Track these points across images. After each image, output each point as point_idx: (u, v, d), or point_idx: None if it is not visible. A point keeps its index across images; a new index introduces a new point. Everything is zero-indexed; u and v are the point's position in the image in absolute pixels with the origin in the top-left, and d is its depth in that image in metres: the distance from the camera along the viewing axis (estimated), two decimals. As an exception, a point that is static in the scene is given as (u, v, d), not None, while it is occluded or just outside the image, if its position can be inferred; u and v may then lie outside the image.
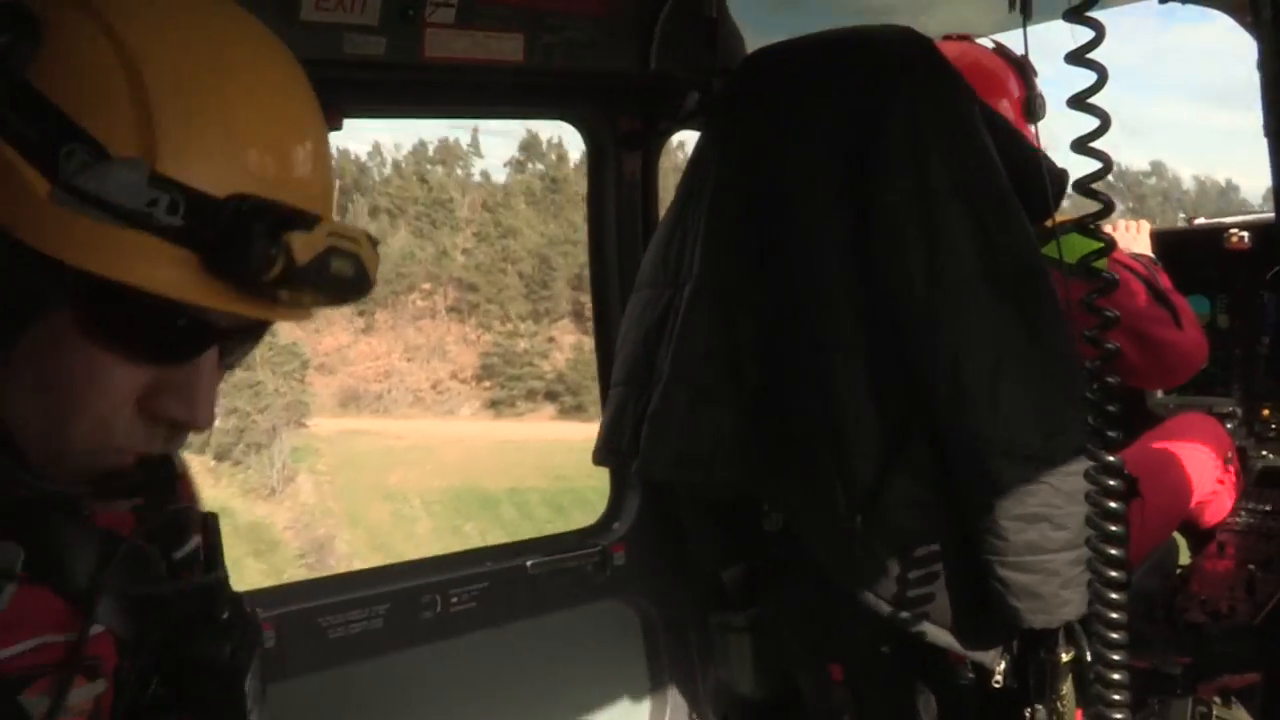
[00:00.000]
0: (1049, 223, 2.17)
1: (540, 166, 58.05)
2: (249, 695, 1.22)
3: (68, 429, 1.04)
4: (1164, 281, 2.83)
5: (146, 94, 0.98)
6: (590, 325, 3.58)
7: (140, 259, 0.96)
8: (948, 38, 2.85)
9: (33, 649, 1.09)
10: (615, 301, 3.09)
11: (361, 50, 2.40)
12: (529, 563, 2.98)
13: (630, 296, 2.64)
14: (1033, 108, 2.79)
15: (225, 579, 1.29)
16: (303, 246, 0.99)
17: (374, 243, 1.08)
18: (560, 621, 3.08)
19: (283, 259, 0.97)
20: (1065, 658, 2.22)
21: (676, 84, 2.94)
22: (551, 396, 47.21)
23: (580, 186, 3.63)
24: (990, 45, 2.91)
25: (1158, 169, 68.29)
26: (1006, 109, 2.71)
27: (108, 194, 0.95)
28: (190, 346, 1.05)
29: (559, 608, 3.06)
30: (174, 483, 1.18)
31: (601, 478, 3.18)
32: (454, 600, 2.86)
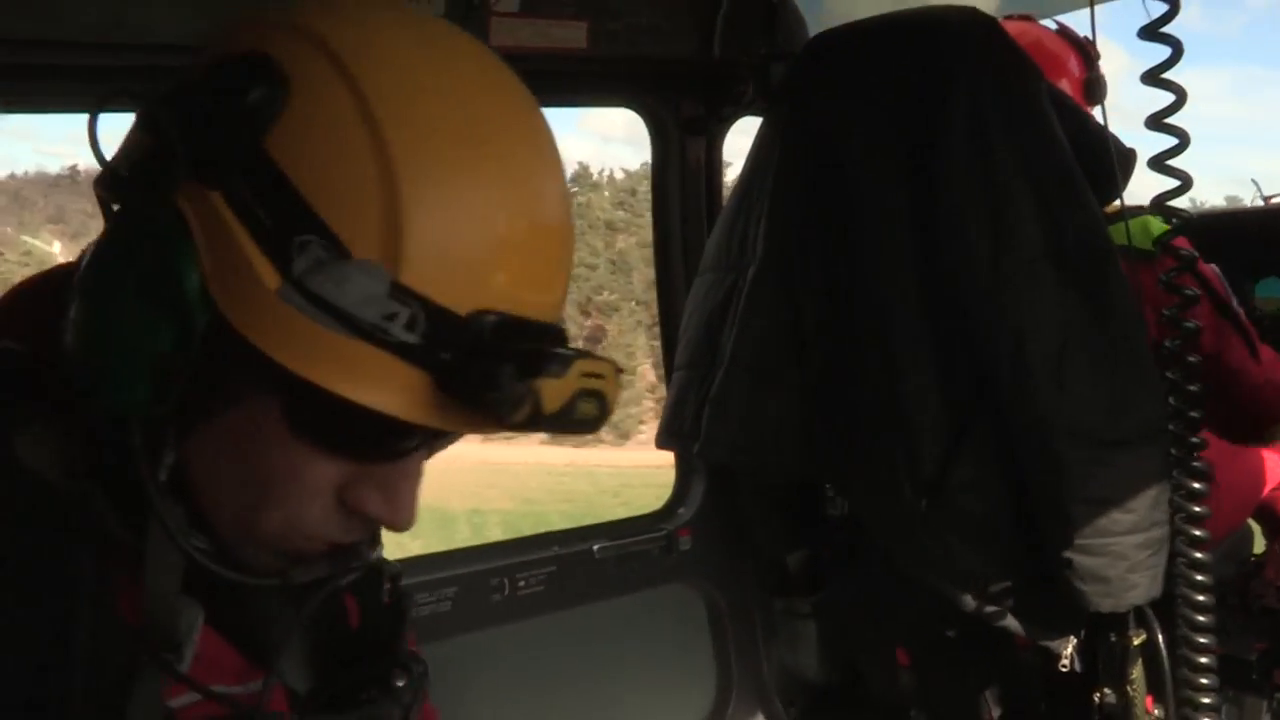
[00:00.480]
0: (1117, 203, 2.14)
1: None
2: None
3: (260, 515, 0.95)
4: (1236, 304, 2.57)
5: (396, 180, 0.85)
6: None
7: (367, 376, 0.85)
8: (1009, 18, 2.81)
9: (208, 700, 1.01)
10: (679, 286, 3.10)
11: None
12: (596, 547, 3.01)
13: (694, 281, 2.65)
14: (1094, 89, 2.74)
15: (404, 637, 1.22)
16: (553, 395, 0.86)
17: (618, 372, 0.93)
18: (626, 605, 3.10)
19: (530, 405, 0.85)
20: (1136, 641, 2.19)
21: (739, 69, 2.94)
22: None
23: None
24: (1053, 26, 2.87)
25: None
26: (1066, 89, 2.67)
27: (344, 302, 0.84)
28: (400, 449, 0.95)
29: (625, 591, 3.09)
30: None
31: (571, 500, 3.21)
32: (521, 584, 2.90)
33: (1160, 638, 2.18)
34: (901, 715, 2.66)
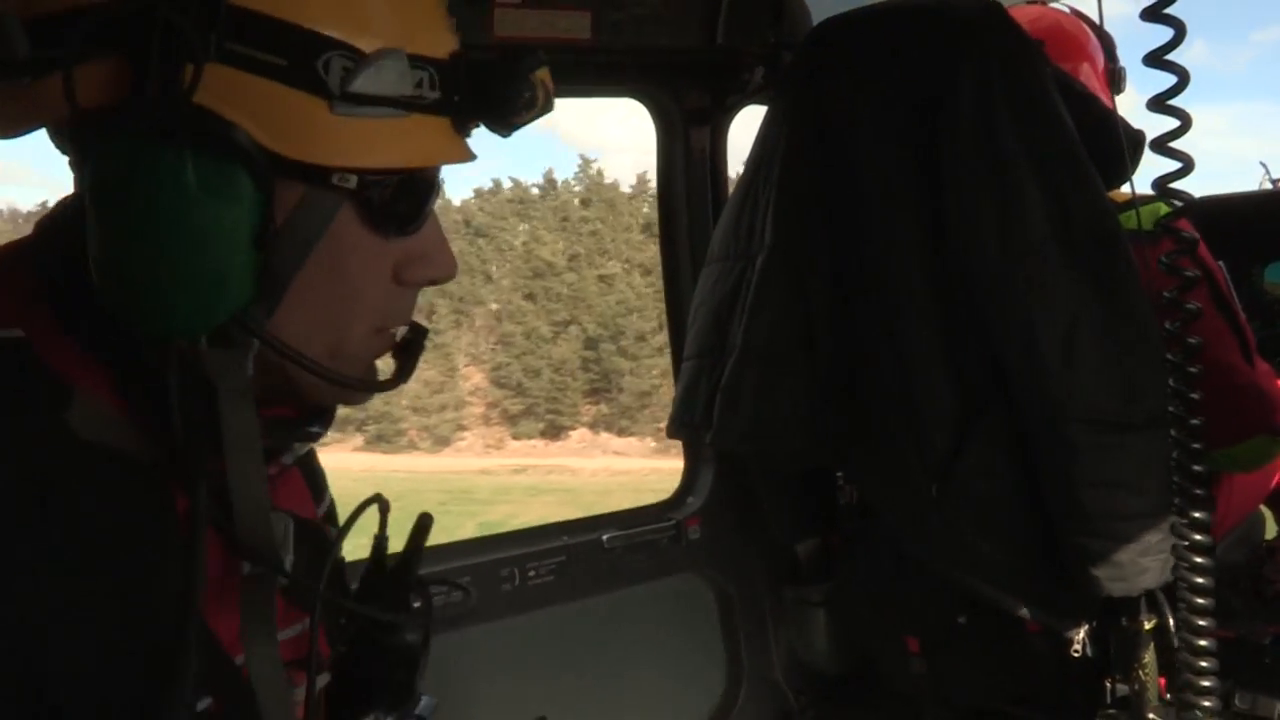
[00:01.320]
0: (1127, 186, 2.14)
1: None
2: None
3: (352, 324, 1.06)
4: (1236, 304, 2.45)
5: None
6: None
7: (413, 143, 1.00)
8: (1029, 1, 2.79)
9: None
10: (686, 276, 3.10)
11: None
12: (605, 537, 3.01)
13: (701, 271, 2.65)
14: (1116, 79, 2.71)
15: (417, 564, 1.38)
16: (544, 77, 1.10)
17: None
18: (636, 595, 3.11)
19: (541, 93, 1.09)
20: (1147, 626, 2.19)
21: (743, 58, 2.93)
22: (359, 424, 42.02)
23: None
24: (1065, 9, 2.85)
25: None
26: (1088, 74, 2.65)
27: (386, 90, 0.96)
28: (428, 206, 1.08)
29: (634, 581, 3.09)
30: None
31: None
32: (531, 574, 2.90)
33: (1172, 622, 2.17)
34: (912, 703, 2.66)
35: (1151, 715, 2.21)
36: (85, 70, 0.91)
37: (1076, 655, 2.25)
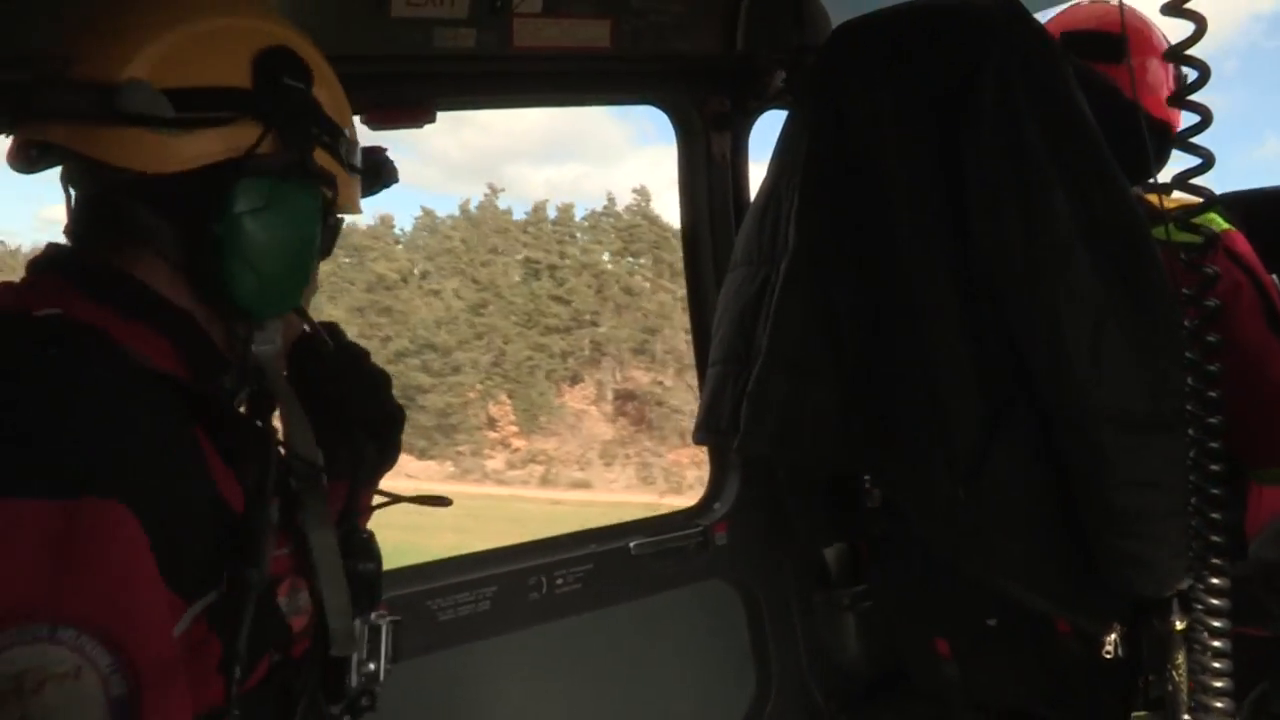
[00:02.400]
0: (1151, 180, 2.12)
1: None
2: None
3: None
4: None
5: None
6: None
7: (355, 192, 1.57)
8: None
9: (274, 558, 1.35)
10: (710, 282, 3.11)
11: (451, 44, 2.46)
12: (632, 544, 3.02)
13: (725, 277, 2.66)
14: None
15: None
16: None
17: None
18: (664, 602, 3.11)
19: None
20: (1179, 626, 2.17)
21: (763, 63, 2.94)
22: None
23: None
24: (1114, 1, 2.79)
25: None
26: (1155, 69, 2.60)
27: (357, 161, 1.56)
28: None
29: (662, 588, 3.09)
30: None
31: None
32: (559, 582, 2.91)
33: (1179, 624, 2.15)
34: (943, 706, 2.64)
35: (1186, 717, 2.18)
36: (229, 129, 1.37)
37: (1109, 656, 2.23)
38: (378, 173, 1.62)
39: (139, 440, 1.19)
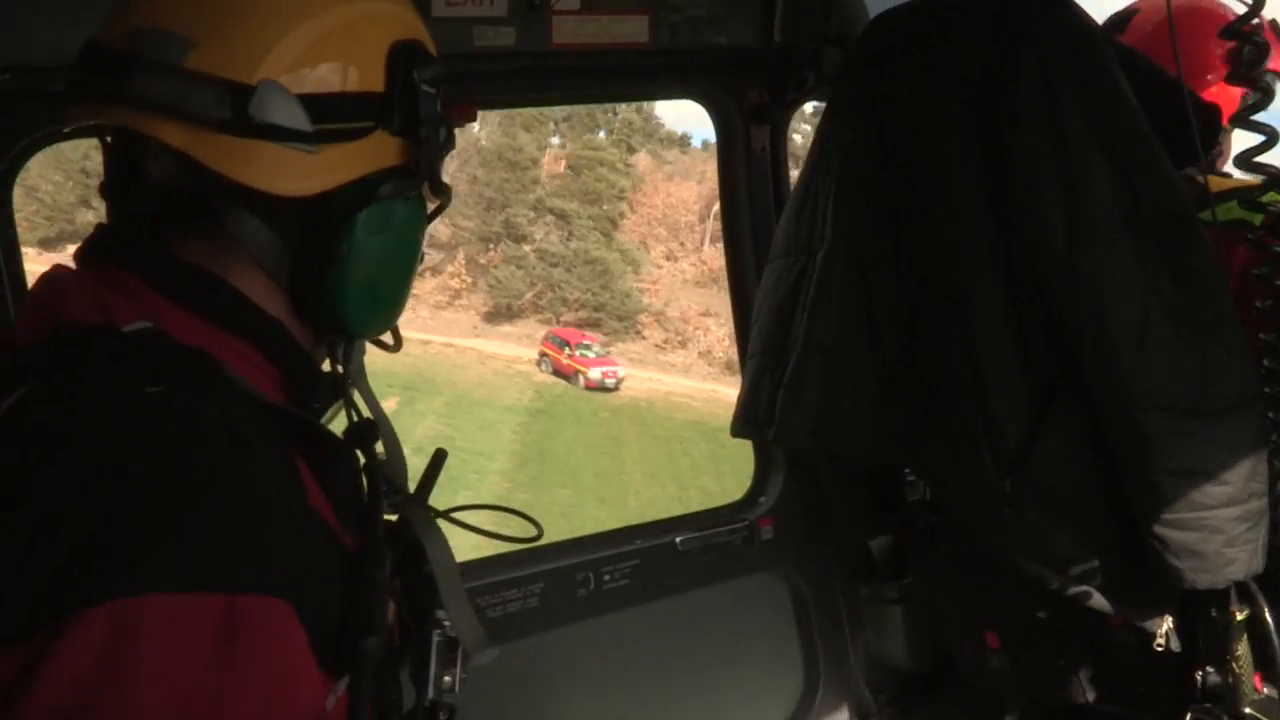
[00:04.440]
0: (1200, 161, 2.08)
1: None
2: None
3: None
4: None
5: None
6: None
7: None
8: None
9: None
10: (750, 274, 3.10)
11: (492, 42, 2.47)
12: (678, 539, 3.02)
13: (765, 268, 2.65)
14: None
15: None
16: None
17: None
18: (710, 596, 3.11)
19: None
20: (1239, 617, 2.12)
21: (801, 55, 2.92)
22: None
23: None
24: None
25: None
26: (1207, 49, 2.52)
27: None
28: None
29: (709, 582, 3.09)
30: None
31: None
32: (606, 578, 2.92)
33: (1268, 613, 2.10)
34: (994, 700, 2.62)
35: (1248, 710, 2.14)
36: (364, 144, 1.25)
37: (1160, 649, 2.19)
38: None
39: (287, 519, 1.09)
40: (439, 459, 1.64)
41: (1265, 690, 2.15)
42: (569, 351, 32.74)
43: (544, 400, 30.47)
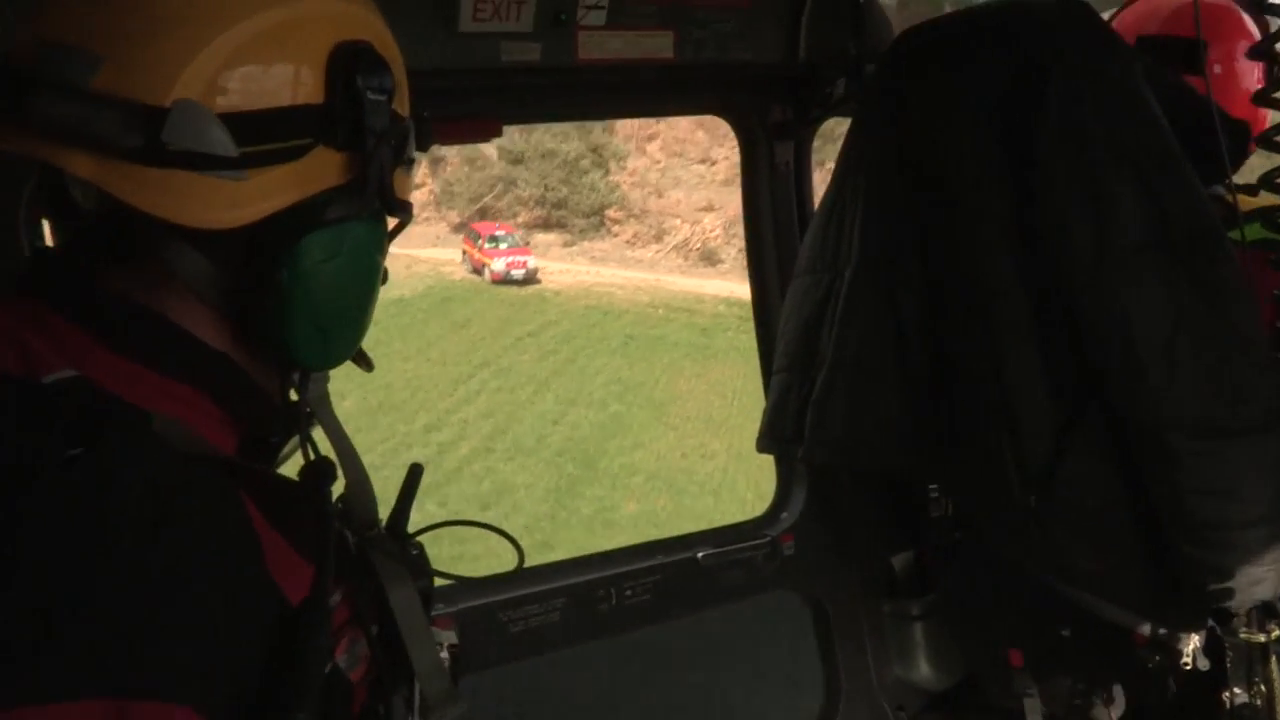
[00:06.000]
0: (1228, 180, 2.08)
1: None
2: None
3: None
4: None
5: None
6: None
7: (410, 184, 1.32)
8: None
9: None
10: (774, 290, 3.10)
11: (518, 57, 2.48)
12: (700, 554, 3.01)
13: (789, 284, 2.65)
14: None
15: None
16: None
17: None
18: (732, 612, 3.10)
19: None
20: (1265, 638, 2.11)
21: (826, 71, 2.93)
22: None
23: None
24: None
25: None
26: (1240, 65, 2.48)
27: (414, 152, 1.28)
28: None
29: (730, 599, 3.08)
30: None
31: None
32: (628, 593, 2.92)
33: None
34: (1016, 718, 2.60)
35: None
36: (301, 164, 1.12)
37: (1187, 668, 2.18)
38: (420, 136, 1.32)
39: (203, 601, 0.96)
40: (414, 477, 1.53)
41: None
42: (480, 244, 30.89)
43: (425, 295, 28.74)
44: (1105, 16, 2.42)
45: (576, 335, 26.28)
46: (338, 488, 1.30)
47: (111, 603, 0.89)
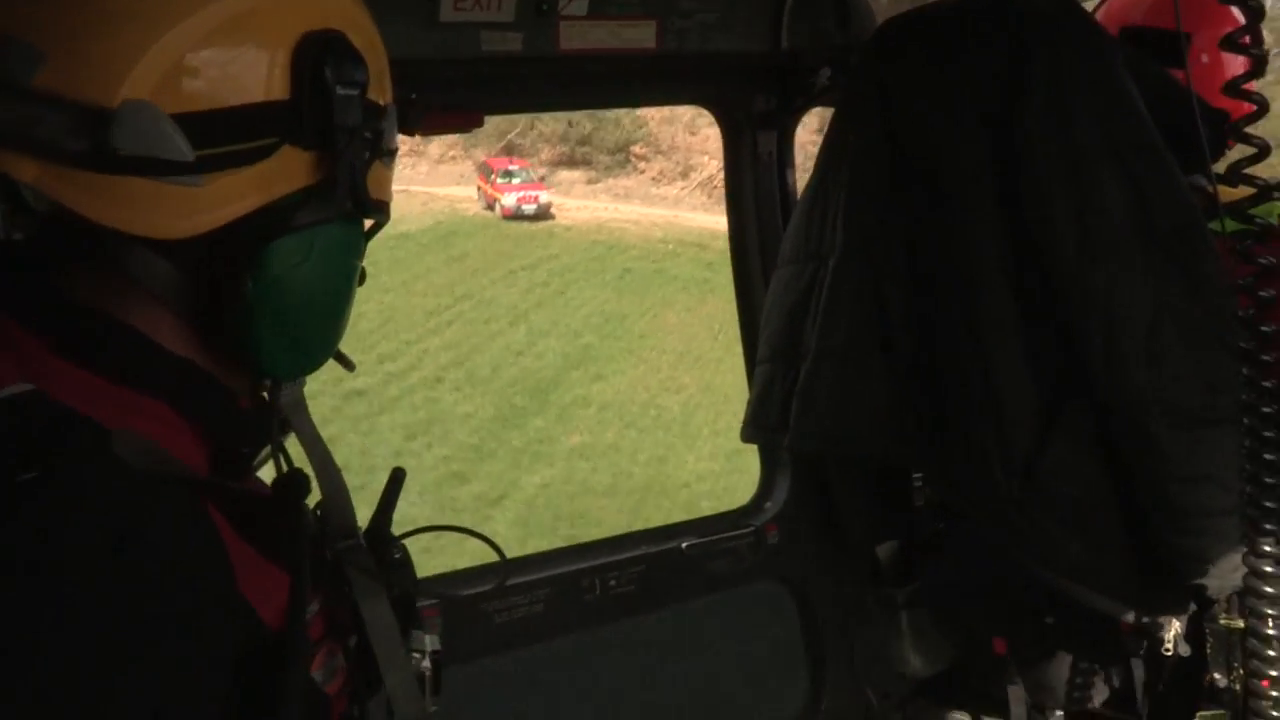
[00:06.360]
0: (1210, 170, 2.08)
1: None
2: None
3: None
4: None
5: None
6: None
7: (391, 176, 1.26)
8: None
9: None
10: (758, 280, 3.10)
11: (499, 47, 2.47)
12: (684, 544, 3.02)
13: (773, 274, 2.65)
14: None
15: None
16: None
17: None
18: (716, 602, 3.11)
19: None
20: (1245, 623, 2.12)
21: (809, 61, 2.92)
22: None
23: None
24: None
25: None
26: (1218, 54, 2.47)
27: (395, 143, 1.22)
28: None
29: (715, 588, 3.09)
30: None
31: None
32: (612, 583, 2.92)
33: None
34: (1000, 706, 2.61)
35: (1254, 717, 2.14)
36: (264, 166, 1.04)
37: (1168, 654, 2.19)
38: (405, 120, 1.26)
39: (157, 638, 0.91)
40: (395, 481, 1.48)
41: (1275, 693, 2.15)
42: (493, 179, 30.22)
43: (430, 230, 28.18)
44: (1089, 7, 2.43)
45: (574, 269, 25.73)
46: (314, 498, 1.26)
47: (62, 648, 0.84)
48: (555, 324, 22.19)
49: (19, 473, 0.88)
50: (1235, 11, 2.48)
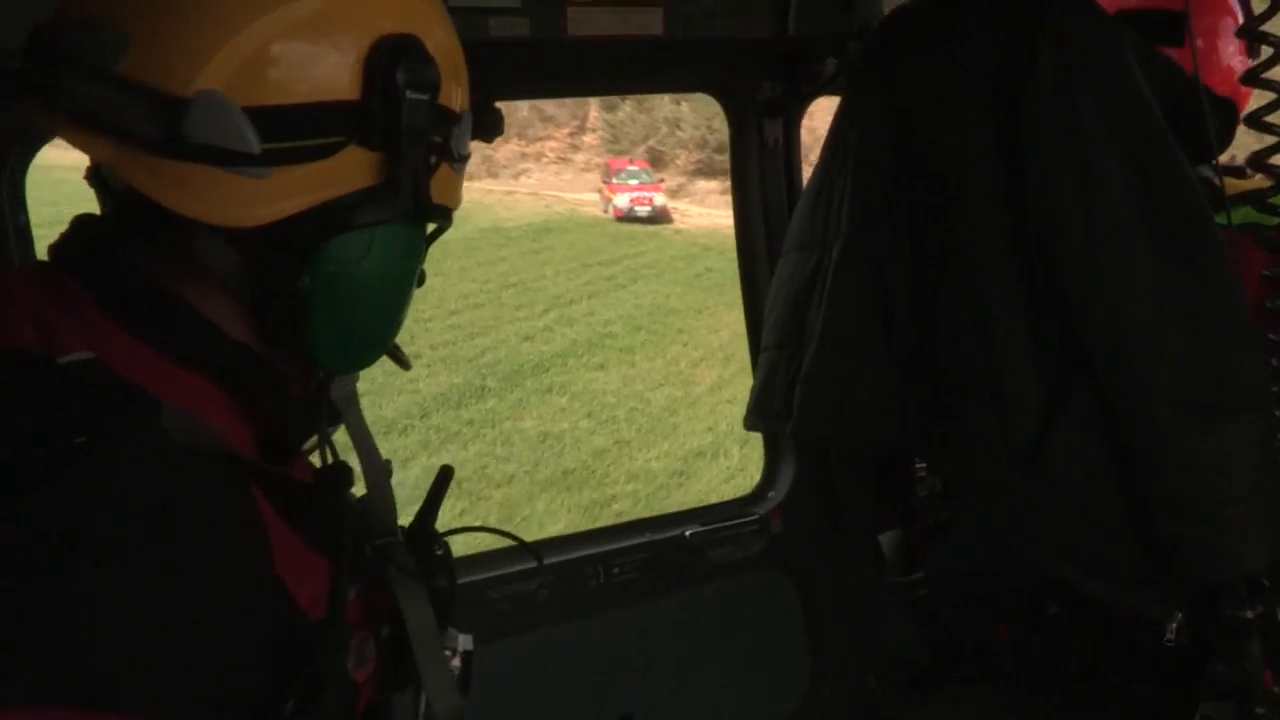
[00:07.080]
0: (1216, 160, 2.08)
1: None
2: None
3: None
4: None
5: None
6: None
7: (460, 183, 1.29)
8: None
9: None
10: (764, 268, 3.10)
11: (506, 32, 2.47)
12: (688, 532, 3.03)
13: (778, 261, 2.65)
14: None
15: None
16: None
17: None
18: (719, 589, 3.12)
19: None
20: (1250, 614, 2.12)
21: (815, 49, 2.92)
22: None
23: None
24: None
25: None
26: (1228, 42, 2.48)
27: (467, 148, 1.27)
28: None
29: (718, 576, 3.10)
30: None
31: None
32: (616, 570, 2.93)
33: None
34: (1003, 694, 2.62)
35: (1259, 709, 2.14)
36: (329, 164, 1.07)
37: (1170, 644, 2.19)
38: (484, 128, 1.28)
39: (196, 611, 0.93)
40: (444, 479, 1.49)
41: (1277, 689, 2.15)
42: (610, 180, 29.54)
43: (524, 227, 27.15)
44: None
45: (654, 265, 24.85)
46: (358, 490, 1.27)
47: (95, 613, 0.86)
48: (591, 314, 21.49)
49: (71, 437, 0.91)
50: (1232, 1, 2.49)
